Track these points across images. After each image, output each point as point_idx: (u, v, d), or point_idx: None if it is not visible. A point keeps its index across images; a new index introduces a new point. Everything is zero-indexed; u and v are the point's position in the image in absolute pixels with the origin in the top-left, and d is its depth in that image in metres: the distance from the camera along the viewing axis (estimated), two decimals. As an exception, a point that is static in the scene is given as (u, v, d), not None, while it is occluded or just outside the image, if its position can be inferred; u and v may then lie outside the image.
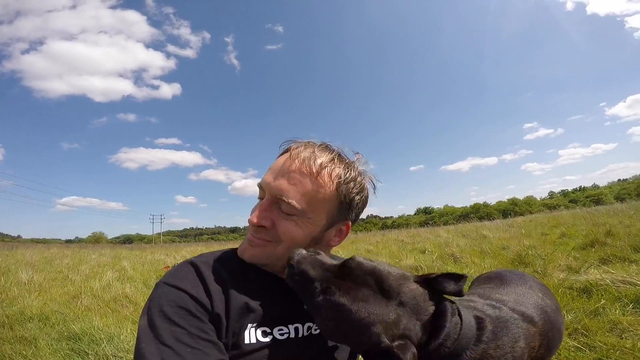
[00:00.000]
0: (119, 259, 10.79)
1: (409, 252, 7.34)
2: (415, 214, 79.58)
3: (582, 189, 70.81)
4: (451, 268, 5.10)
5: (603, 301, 2.26)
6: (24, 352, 2.34)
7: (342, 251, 8.91)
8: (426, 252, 7.12)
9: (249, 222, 0.83)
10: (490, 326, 0.71)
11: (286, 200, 0.79)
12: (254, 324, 0.77)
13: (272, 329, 0.79)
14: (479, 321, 0.71)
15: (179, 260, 10.17)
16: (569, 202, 49.39)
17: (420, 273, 0.77)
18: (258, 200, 0.87)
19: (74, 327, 2.73)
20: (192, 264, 0.79)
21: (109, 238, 74.72)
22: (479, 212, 49.73)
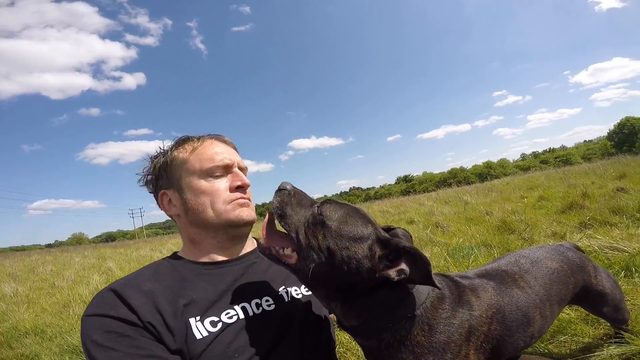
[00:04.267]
0: (104, 259, 10.43)
1: (397, 224, 7.44)
2: (396, 182, 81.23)
3: (551, 150, 74.17)
4: (439, 237, 5.22)
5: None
6: (29, 370, 2.25)
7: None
8: (413, 222, 7.26)
9: (240, 186, 0.99)
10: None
11: (244, 166, 1.06)
12: (198, 317, 0.79)
13: (219, 316, 0.81)
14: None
15: (165, 254, 9.87)
16: (540, 162, 51.72)
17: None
18: (214, 180, 0.98)
19: (72, 340, 2.63)
20: (110, 289, 0.80)
21: (90, 238, 71.38)
22: (456, 177, 51.42)
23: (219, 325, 0.79)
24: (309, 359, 0.88)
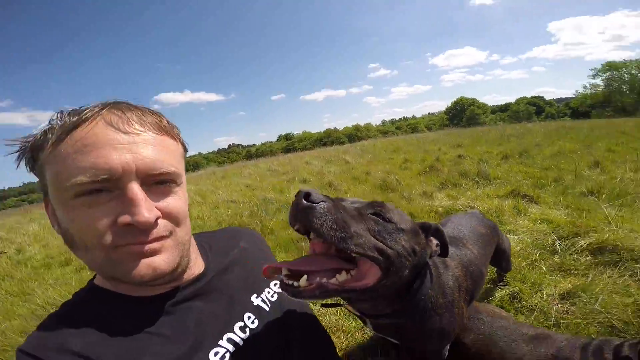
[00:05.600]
0: None
1: (291, 183, 7.68)
2: (277, 140, 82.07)
3: (404, 119, 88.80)
4: (332, 194, 5.68)
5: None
6: None
7: (219, 190, 8.46)
8: (306, 181, 7.64)
9: (137, 224, 0.55)
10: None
11: (166, 170, 0.60)
12: None
13: (207, 358, 0.64)
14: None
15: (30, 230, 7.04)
16: (396, 129, 61.13)
17: None
18: (83, 200, 0.55)
19: None
20: (26, 353, 0.55)
21: None
22: (330, 137, 55.99)
23: None
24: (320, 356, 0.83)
